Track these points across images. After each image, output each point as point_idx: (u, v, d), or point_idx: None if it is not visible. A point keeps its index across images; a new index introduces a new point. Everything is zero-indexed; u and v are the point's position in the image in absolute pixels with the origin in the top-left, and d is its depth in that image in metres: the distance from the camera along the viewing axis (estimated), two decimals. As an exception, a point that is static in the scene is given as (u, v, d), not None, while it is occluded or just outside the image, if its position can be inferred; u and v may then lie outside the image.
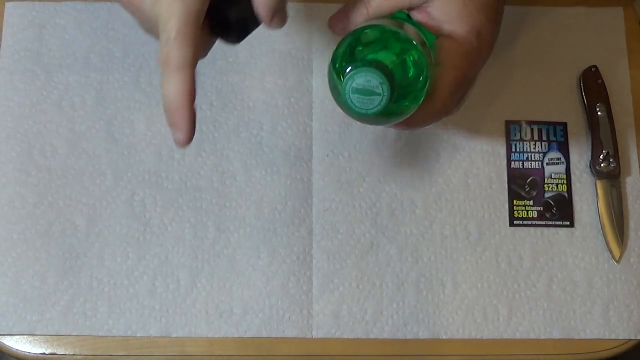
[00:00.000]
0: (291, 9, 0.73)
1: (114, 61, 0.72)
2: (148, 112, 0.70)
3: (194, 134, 0.48)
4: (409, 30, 0.54)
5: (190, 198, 0.68)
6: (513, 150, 0.70)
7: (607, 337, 0.66)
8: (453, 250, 0.68)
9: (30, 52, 0.71)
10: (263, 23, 0.48)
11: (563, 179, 0.70)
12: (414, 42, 0.52)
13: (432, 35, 0.55)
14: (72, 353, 0.65)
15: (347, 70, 0.48)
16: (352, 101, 0.49)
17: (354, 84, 0.48)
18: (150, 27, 0.48)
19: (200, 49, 0.47)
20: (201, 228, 0.68)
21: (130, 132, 0.70)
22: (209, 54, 0.51)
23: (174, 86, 0.46)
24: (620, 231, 0.68)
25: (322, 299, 0.66)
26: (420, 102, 0.52)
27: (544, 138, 0.71)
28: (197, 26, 0.46)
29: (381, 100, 0.48)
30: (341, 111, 0.53)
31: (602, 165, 0.69)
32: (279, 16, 0.48)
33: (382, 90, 0.48)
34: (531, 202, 0.69)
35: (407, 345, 0.66)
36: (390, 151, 0.70)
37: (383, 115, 0.51)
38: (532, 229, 0.69)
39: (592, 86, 0.72)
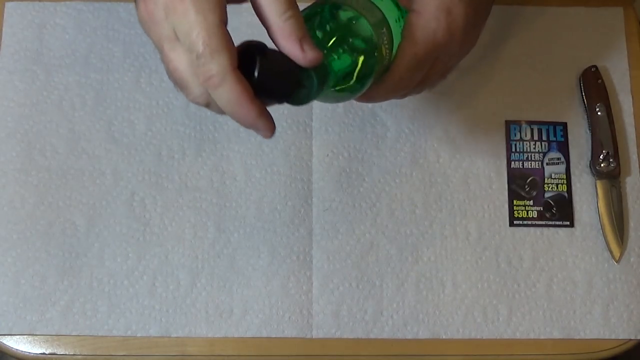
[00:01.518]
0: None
1: (114, 61, 0.72)
2: (148, 112, 0.70)
3: (273, 122, 0.45)
4: (374, 11, 0.52)
5: (190, 198, 0.68)
6: (513, 150, 0.70)
7: (607, 337, 0.66)
8: (453, 250, 0.68)
9: (30, 52, 0.71)
10: (297, 60, 0.44)
11: (563, 179, 0.70)
12: (365, 22, 0.50)
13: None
14: (72, 353, 0.65)
15: None
16: None
17: None
18: (167, 39, 0.44)
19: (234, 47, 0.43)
20: (201, 228, 0.68)
21: (130, 132, 0.70)
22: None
23: (227, 95, 0.43)
24: (620, 231, 0.68)
25: (322, 299, 0.66)
26: (367, 85, 0.51)
27: (544, 138, 0.71)
28: (224, 30, 0.43)
29: (309, 93, 0.47)
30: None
31: (602, 165, 0.69)
32: (309, 45, 0.44)
33: (310, 85, 0.46)
34: (531, 202, 0.69)
35: (407, 345, 0.66)
36: (390, 151, 0.70)
37: (324, 98, 0.50)
38: (532, 229, 0.69)
39: (592, 86, 0.71)
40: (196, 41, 0.42)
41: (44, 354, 0.65)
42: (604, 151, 0.70)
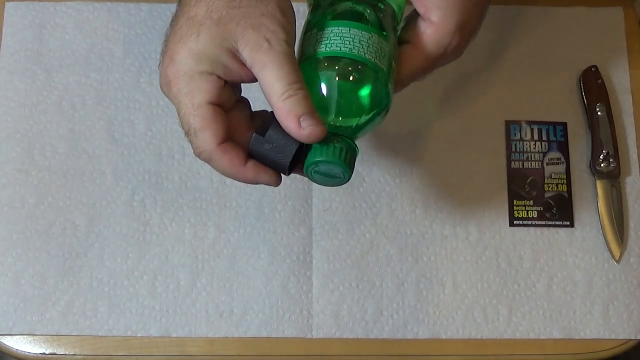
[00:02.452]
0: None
1: (114, 61, 0.72)
2: (148, 112, 0.70)
3: (276, 175, 0.48)
4: (377, 43, 0.50)
5: (190, 198, 0.68)
6: (513, 150, 0.70)
7: (607, 337, 0.66)
8: (453, 250, 0.68)
9: (30, 52, 0.71)
10: (296, 137, 0.46)
11: (563, 179, 0.70)
12: (381, 74, 0.49)
13: None
14: (72, 353, 0.65)
15: (313, 160, 0.47)
16: (313, 177, 0.49)
17: (316, 168, 0.48)
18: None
19: (225, 122, 0.47)
20: (201, 228, 0.67)
21: (130, 132, 0.70)
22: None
23: (217, 167, 0.47)
24: (620, 231, 0.68)
25: (322, 299, 0.66)
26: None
27: (544, 138, 0.71)
28: (209, 110, 0.46)
29: (342, 181, 0.49)
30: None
31: (602, 165, 0.69)
32: (308, 121, 0.46)
33: (343, 176, 0.49)
34: (531, 202, 0.69)
35: (407, 345, 0.66)
36: (390, 151, 0.70)
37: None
38: (532, 229, 0.69)
39: (592, 86, 0.72)
40: (183, 120, 0.47)
41: (44, 354, 0.65)
42: (604, 151, 0.70)
